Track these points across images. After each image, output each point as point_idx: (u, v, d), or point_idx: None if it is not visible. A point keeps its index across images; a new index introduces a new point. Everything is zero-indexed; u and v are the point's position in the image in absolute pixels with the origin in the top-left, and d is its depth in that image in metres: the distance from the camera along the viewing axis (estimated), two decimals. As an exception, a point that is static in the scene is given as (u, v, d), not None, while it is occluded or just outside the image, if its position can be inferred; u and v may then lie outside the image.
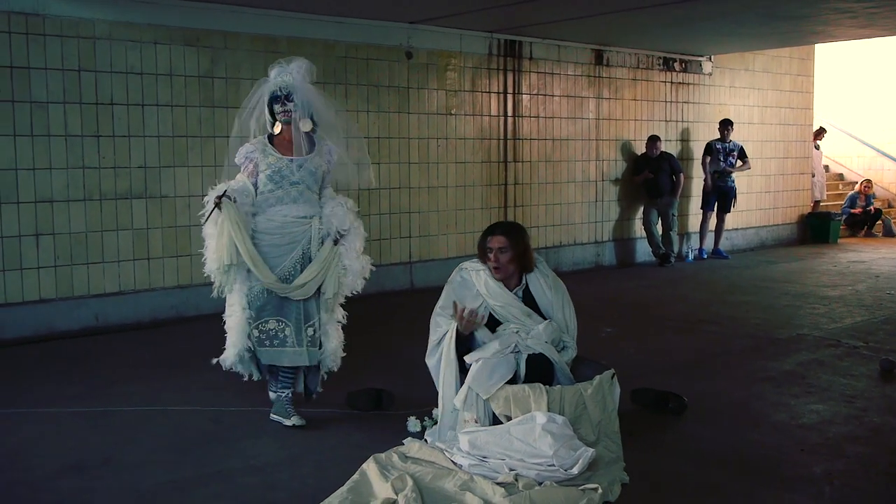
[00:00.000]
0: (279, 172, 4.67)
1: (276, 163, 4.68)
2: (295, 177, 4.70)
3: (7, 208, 6.80)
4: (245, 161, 4.73)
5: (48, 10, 6.90)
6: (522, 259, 4.50)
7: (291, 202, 4.69)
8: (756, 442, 4.50)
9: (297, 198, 4.70)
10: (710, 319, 7.72)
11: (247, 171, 4.73)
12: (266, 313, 4.69)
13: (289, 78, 4.72)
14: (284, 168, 4.68)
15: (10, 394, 5.43)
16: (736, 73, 12.76)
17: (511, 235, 4.49)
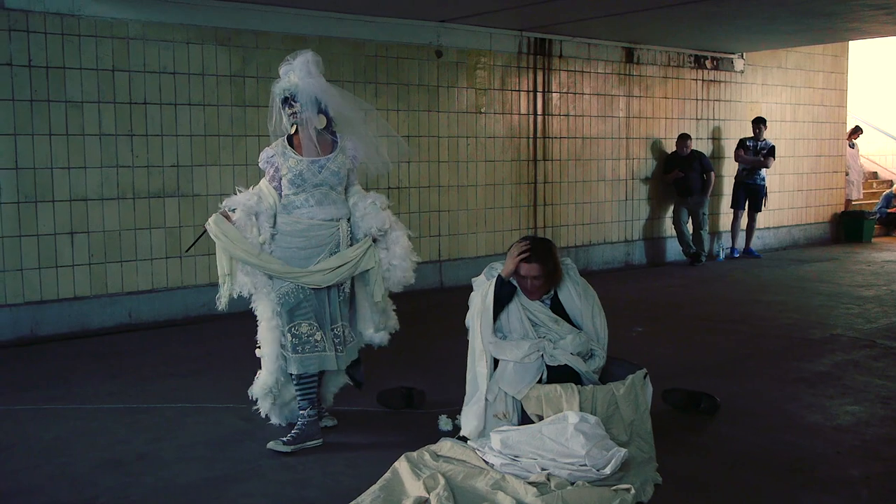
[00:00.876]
0: (301, 175, 4.46)
1: (297, 165, 4.47)
2: (317, 178, 4.48)
3: (43, 207, 6.89)
4: (266, 166, 4.57)
5: (83, 10, 6.99)
6: (554, 276, 4.42)
7: (316, 205, 4.48)
8: (790, 443, 4.46)
9: (321, 200, 4.49)
10: (742, 319, 7.65)
11: (268, 176, 4.56)
12: (299, 315, 4.48)
13: (293, 77, 4.50)
14: (306, 170, 4.46)
15: (49, 390, 5.51)
16: (768, 71, 12.64)
17: (543, 261, 4.33)
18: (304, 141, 4.53)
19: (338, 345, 4.54)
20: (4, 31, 6.67)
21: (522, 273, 4.35)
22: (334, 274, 4.48)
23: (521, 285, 4.41)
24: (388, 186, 8.84)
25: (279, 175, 4.51)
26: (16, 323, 6.82)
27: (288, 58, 4.57)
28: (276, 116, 4.60)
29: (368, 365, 4.71)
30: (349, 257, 4.52)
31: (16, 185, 6.77)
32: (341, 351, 4.56)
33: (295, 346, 4.46)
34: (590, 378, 4.31)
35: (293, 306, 4.48)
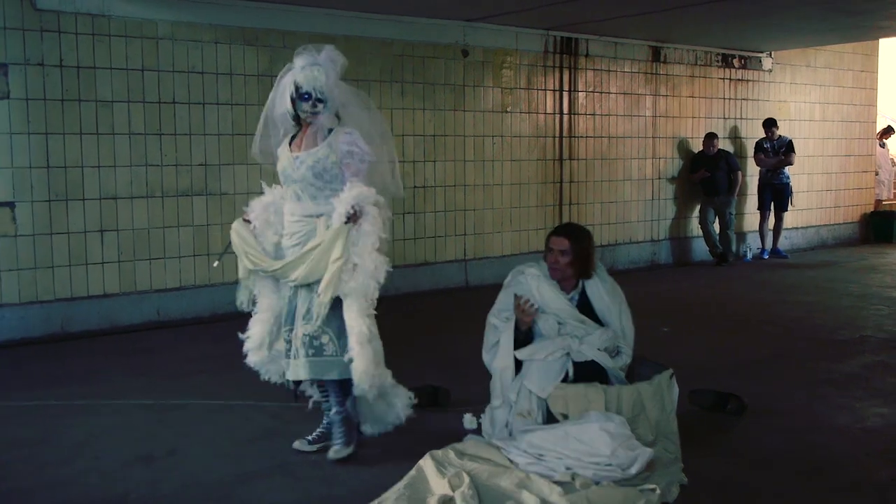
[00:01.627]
0: (284, 171, 4.34)
1: (281, 161, 4.36)
2: (296, 174, 4.28)
3: (73, 205, 6.98)
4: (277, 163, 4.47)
5: (113, 11, 7.07)
6: (583, 264, 4.41)
7: (293, 200, 4.33)
8: (818, 445, 4.43)
9: (298, 195, 4.30)
10: (769, 320, 7.60)
11: None
12: (287, 320, 4.37)
13: (322, 77, 4.23)
14: (288, 166, 4.31)
15: (79, 386, 5.59)
16: (797, 70, 12.53)
17: (573, 239, 4.39)
18: (307, 138, 4.32)
19: (308, 346, 4.19)
20: (36, 31, 6.76)
21: (550, 245, 4.39)
22: (303, 268, 4.18)
23: (547, 261, 4.42)
24: (413, 185, 8.87)
25: None
26: (47, 319, 6.92)
27: (310, 47, 4.28)
28: (281, 107, 4.34)
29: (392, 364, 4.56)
30: (318, 241, 4.18)
31: (47, 183, 6.87)
32: (313, 354, 4.18)
33: (287, 352, 4.36)
34: (616, 375, 4.30)
35: (287, 313, 4.39)
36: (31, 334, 6.83)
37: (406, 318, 4.99)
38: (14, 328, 6.79)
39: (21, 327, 6.82)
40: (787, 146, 11.49)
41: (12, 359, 6.34)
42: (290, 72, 4.32)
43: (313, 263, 4.17)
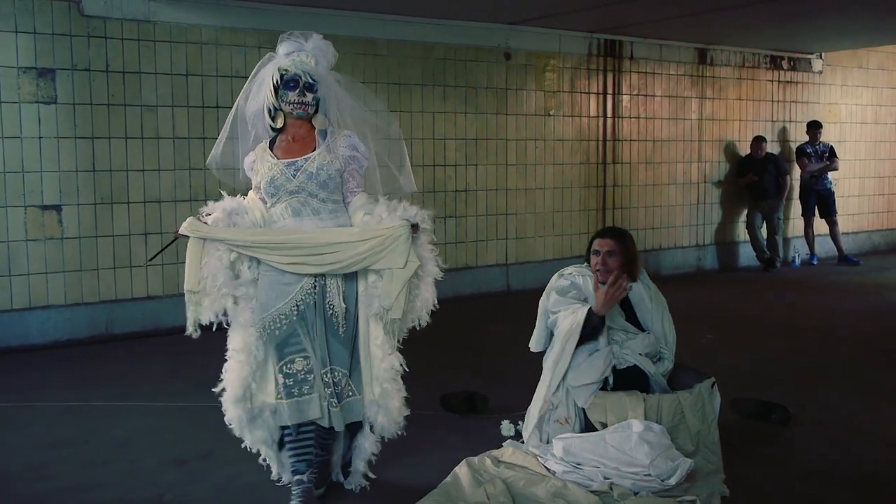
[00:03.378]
0: (273, 181, 3.63)
1: (270, 170, 3.64)
2: (292, 184, 3.62)
3: (118, 208, 7.07)
4: (251, 174, 3.78)
5: (158, 17, 7.15)
6: (630, 266, 4.33)
7: (292, 216, 3.63)
8: (865, 458, 4.30)
9: (298, 210, 3.63)
10: (817, 327, 7.43)
11: (254, 185, 3.78)
12: (290, 349, 3.61)
13: (310, 61, 3.72)
14: (279, 175, 3.63)
15: (121, 387, 5.65)
16: (848, 71, 12.26)
17: (620, 240, 4.34)
18: (288, 140, 3.73)
19: (331, 396, 3.61)
20: (83, 37, 6.86)
21: (596, 247, 4.32)
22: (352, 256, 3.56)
23: (592, 265, 4.34)
24: (454, 189, 8.84)
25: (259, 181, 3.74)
26: (92, 321, 7.02)
27: (295, 33, 3.80)
28: (257, 102, 3.72)
29: (431, 369, 4.50)
30: (376, 232, 3.58)
31: (93, 186, 6.96)
32: (335, 405, 3.61)
33: (289, 388, 3.61)
34: (657, 380, 4.23)
35: (282, 339, 3.63)
36: (76, 335, 6.93)
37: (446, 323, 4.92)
38: (60, 329, 6.90)
39: (67, 329, 6.92)
40: (830, 151, 11.24)
41: (58, 359, 6.44)
42: (270, 61, 3.76)
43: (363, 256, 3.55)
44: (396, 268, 3.57)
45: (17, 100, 6.63)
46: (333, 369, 3.62)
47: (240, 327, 3.68)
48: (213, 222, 3.66)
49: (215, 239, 3.61)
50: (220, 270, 3.62)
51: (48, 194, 6.80)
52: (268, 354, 3.67)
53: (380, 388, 3.69)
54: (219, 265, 3.62)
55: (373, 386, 3.71)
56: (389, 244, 3.55)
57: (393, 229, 3.56)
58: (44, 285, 6.82)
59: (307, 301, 3.63)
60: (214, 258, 3.63)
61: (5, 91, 6.59)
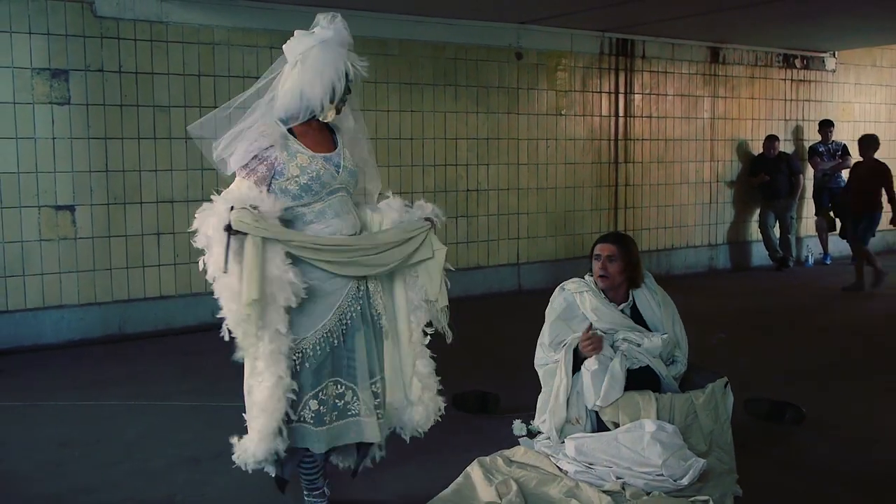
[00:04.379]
0: (319, 178, 3.27)
1: (312, 164, 3.27)
2: (335, 182, 3.34)
3: (131, 208, 7.10)
4: (255, 163, 3.22)
5: (171, 17, 7.17)
6: (632, 271, 4.31)
7: (335, 217, 3.33)
8: (880, 458, 4.28)
9: (339, 210, 3.34)
10: (830, 327, 7.39)
11: (254, 177, 3.22)
12: (327, 369, 3.33)
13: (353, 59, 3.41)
14: (323, 171, 3.29)
15: (133, 386, 5.67)
16: (862, 70, 12.19)
17: (621, 244, 4.32)
18: (313, 131, 3.39)
19: (377, 407, 3.42)
20: (96, 37, 6.89)
21: (597, 252, 4.30)
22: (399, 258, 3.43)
23: (594, 270, 4.32)
24: (466, 189, 8.84)
25: (281, 178, 3.26)
26: (105, 321, 7.05)
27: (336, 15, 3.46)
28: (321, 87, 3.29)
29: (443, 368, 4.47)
30: (412, 231, 3.48)
31: (106, 187, 6.99)
32: (381, 416, 3.45)
33: (321, 416, 3.31)
34: (669, 383, 4.20)
35: (321, 362, 3.31)
36: (89, 335, 6.96)
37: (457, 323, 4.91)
38: (74, 329, 6.93)
39: (80, 328, 6.95)
40: (842, 150, 11.18)
41: (71, 359, 6.47)
42: (337, 42, 3.38)
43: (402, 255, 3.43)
44: (428, 258, 3.53)
45: (30, 101, 6.67)
46: (380, 379, 3.46)
47: (273, 348, 3.20)
48: (269, 216, 3.16)
49: (277, 239, 3.15)
50: (286, 275, 3.16)
51: (62, 195, 6.83)
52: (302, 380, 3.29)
53: (420, 384, 3.60)
54: (283, 268, 3.16)
55: (409, 387, 3.59)
56: (420, 241, 3.51)
57: (422, 227, 3.52)
58: (57, 285, 6.86)
59: (353, 308, 3.38)
60: (278, 261, 3.16)
61: (19, 92, 6.63)
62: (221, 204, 3.13)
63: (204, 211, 3.18)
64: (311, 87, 3.28)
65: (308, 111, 3.31)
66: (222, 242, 3.08)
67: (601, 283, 4.28)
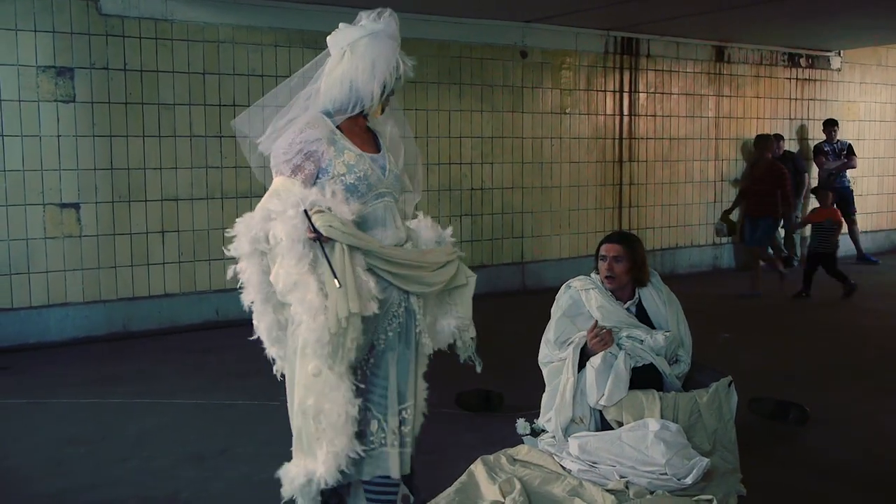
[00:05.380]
0: (366, 179, 2.99)
1: (358, 162, 2.98)
2: (382, 185, 3.06)
3: (135, 206, 7.11)
4: (300, 157, 2.93)
5: (175, 15, 7.18)
6: (638, 271, 4.30)
7: (381, 225, 3.05)
8: (884, 458, 4.27)
9: (386, 218, 3.07)
10: (835, 326, 7.37)
11: (301, 175, 2.93)
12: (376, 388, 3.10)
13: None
14: (370, 172, 3.01)
15: (138, 384, 5.68)
16: (867, 69, 12.16)
17: (627, 244, 4.31)
18: (359, 130, 3.13)
19: (404, 436, 3.14)
20: (101, 35, 6.90)
21: (603, 253, 4.29)
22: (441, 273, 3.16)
23: (600, 271, 4.32)
24: (470, 188, 8.84)
25: (325, 176, 2.97)
26: (109, 318, 7.06)
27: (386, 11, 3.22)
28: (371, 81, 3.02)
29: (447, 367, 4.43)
30: (450, 255, 3.23)
31: (111, 184, 7.00)
32: (407, 445, 3.16)
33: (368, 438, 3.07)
34: (672, 382, 4.20)
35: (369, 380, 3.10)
36: (94, 333, 6.97)
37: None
38: (78, 327, 6.94)
39: (85, 326, 6.96)
40: (848, 149, 11.15)
41: (76, 357, 6.48)
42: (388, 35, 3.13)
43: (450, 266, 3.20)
44: (463, 285, 3.27)
45: (35, 98, 6.68)
46: (408, 406, 3.14)
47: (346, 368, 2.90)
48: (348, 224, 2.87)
49: (362, 248, 2.88)
50: (368, 284, 2.88)
51: (66, 192, 6.84)
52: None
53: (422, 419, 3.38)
54: (365, 277, 2.89)
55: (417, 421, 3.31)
56: (456, 265, 3.24)
57: (455, 251, 3.26)
58: (62, 283, 6.87)
59: (391, 326, 3.09)
60: (360, 269, 2.89)
61: (24, 90, 6.64)
62: (291, 208, 2.79)
63: (246, 218, 2.90)
64: (363, 77, 2.99)
65: (358, 104, 3.02)
66: (304, 254, 2.77)
67: (608, 283, 4.27)
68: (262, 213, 2.86)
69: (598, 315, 4.23)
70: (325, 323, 2.77)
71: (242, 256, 2.91)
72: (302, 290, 2.78)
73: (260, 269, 2.90)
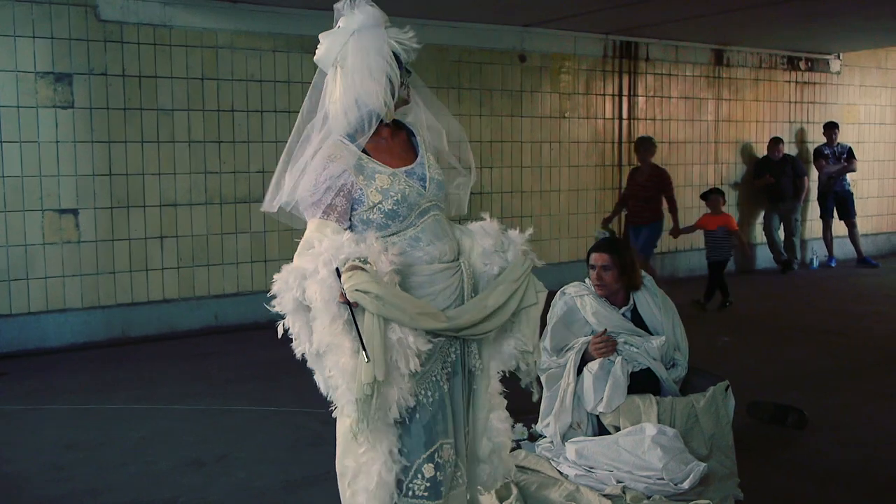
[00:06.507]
0: (405, 200, 2.67)
1: (393, 184, 2.66)
2: (424, 199, 2.73)
3: (134, 212, 7.11)
4: (329, 195, 2.62)
5: (174, 21, 7.19)
6: (628, 277, 4.31)
7: (433, 241, 2.72)
8: (884, 461, 4.26)
9: (437, 232, 2.74)
10: (835, 330, 7.37)
11: (335, 215, 2.63)
12: (440, 431, 2.68)
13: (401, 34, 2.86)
14: (408, 190, 2.68)
15: (137, 390, 5.68)
16: (867, 71, 12.16)
17: (614, 252, 4.30)
18: (386, 139, 2.80)
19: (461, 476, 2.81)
20: (100, 41, 6.91)
21: (591, 262, 4.29)
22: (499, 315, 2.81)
23: (591, 278, 4.32)
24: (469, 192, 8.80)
25: (361, 207, 2.66)
26: (108, 324, 7.06)
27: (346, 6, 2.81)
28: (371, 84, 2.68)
29: None
30: (516, 277, 2.89)
31: (109, 190, 7.01)
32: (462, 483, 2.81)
33: (437, 484, 2.66)
34: (670, 386, 4.19)
35: (434, 414, 2.68)
36: (93, 339, 6.97)
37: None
38: (77, 332, 6.94)
39: (84, 332, 6.97)
40: (848, 152, 11.15)
41: (75, 362, 6.48)
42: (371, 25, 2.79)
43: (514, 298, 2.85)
44: (532, 304, 2.93)
45: (34, 104, 6.69)
46: (465, 434, 2.85)
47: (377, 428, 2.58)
48: (389, 278, 2.54)
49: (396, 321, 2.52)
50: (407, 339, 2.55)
51: (65, 198, 6.85)
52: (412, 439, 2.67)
53: (490, 443, 2.94)
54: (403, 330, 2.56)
55: (478, 442, 2.93)
56: (525, 287, 2.90)
57: (521, 266, 2.93)
58: (61, 288, 6.87)
59: (453, 349, 2.78)
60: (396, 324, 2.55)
61: (23, 96, 6.65)
62: (323, 267, 2.49)
63: (284, 275, 2.56)
64: (364, 88, 2.67)
65: (373, 117, 2.69)
66: (338, 314, 2.50)
67: (599, 292, 4.28)
68: (296, 274, 2.54)
69: (594, 321, 4.23)
70: (346, 390, 2.54)
71: (289, 313, 2.60)
72: (336, 352, 2.53)
73: (307, 323, 2.59)
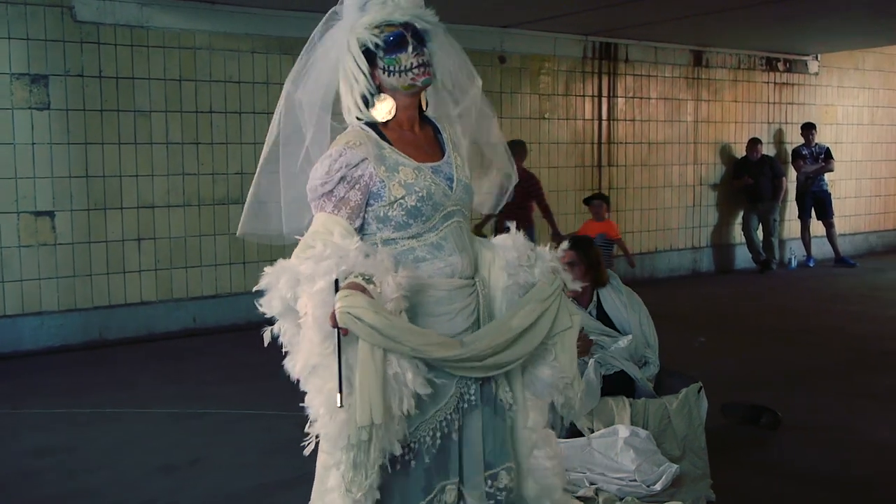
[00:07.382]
0: (430, 198, 2.34)
1: (418, 178, 2.34)
2: (450, 201, 2.40)
3: (111, 213, 7.08)
4: (343, 187, 2.29)
5: (151, 22, 7.16)
6: (594, 272, 4.33)
7: (452, 252, 2.38)
8: (855, 462, 4.29)
9: (459, 241, 2.41)
10: (811, 330, 7.42)
11: (346, 209, 2.30)
12: (443, 473, 2.35)
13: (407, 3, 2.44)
14: (434, 188, 2.36)
15: (113, 393, 5.65)
16: (844, 73, 12.25)
17: (578, 249, 4.31)
18: (409, 132, 2.46)
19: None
20: (76, 42, 6.87)
21: None
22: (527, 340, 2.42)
23: None
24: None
25: (379, 202, 2.34)
26: (85, 327, 7.02)
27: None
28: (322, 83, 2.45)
29: None
30: (545, 297, 2.48)
31: (86, 192, 6.97)
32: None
33: None
34: (644, 385, 4.22)
35: (434, 457, 2.34)
36: (69, 342, 6.93)
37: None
38: (53, 335, 6.90)
39: (60, 335, 6.92)
40: (825, 153, 11.23)
41: (51, 366, 6.44)
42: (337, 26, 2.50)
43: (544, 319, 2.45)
44: (567, 328, 2.54)
45: (9, 106, 6.64)
46: (499, 473, 2.43)
47: None
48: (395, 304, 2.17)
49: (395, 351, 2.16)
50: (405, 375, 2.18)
51: (41, 200, 6.80)
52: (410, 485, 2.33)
53: (538, 487, 2.55)
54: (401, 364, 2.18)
55: (523, 482, 2.54)
56: (556, 308, 2.51)
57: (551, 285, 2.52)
58: (37, 291, 6.83)
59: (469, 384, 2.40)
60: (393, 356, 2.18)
61: (-2, 97, 6.61)
62: (321, 278, 2.15)
63: (276, 271, 2.24)
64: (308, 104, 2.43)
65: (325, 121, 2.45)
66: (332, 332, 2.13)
67: None
68: (289, 275, 2.20)
69: None
70: (345, 423, 2.14)
71: (276, 315, 2.27)
72: (321, 375, 2.16)
73: (300, 329, 2.24)
